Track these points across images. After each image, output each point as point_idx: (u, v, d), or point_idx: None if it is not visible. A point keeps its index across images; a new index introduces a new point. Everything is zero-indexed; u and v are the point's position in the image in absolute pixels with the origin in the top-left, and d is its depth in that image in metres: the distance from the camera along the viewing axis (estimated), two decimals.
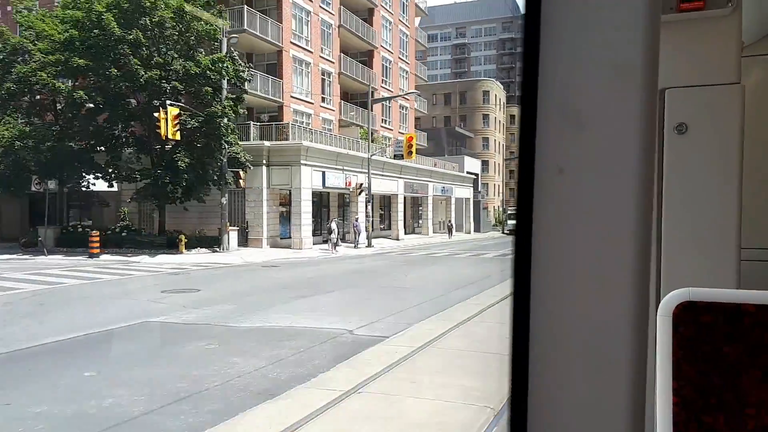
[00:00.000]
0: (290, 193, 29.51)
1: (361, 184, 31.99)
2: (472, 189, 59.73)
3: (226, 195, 25.91)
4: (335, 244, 27.81)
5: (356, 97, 44.24)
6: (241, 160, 25.63)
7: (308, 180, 29.52)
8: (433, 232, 51.23)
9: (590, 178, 0.68)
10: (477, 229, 63.90)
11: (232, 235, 27.76)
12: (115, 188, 27.98)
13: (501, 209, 65.77)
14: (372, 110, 43.91)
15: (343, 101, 40.08)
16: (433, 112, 75.44)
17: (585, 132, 0.68)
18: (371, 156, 32.05)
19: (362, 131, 39.19)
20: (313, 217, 31.74)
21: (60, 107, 26.07)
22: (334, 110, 38.03)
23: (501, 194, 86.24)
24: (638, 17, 0.67)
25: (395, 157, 32.49)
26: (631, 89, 0.67)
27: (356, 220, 31.86)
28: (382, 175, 38.62)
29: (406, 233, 47.59)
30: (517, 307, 0.71)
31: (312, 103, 35.94)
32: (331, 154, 31.58)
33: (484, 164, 77.03)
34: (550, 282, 0.69)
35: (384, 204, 42.82)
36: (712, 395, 0.80)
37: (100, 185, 27.33)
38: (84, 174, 26.54)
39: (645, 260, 0.68)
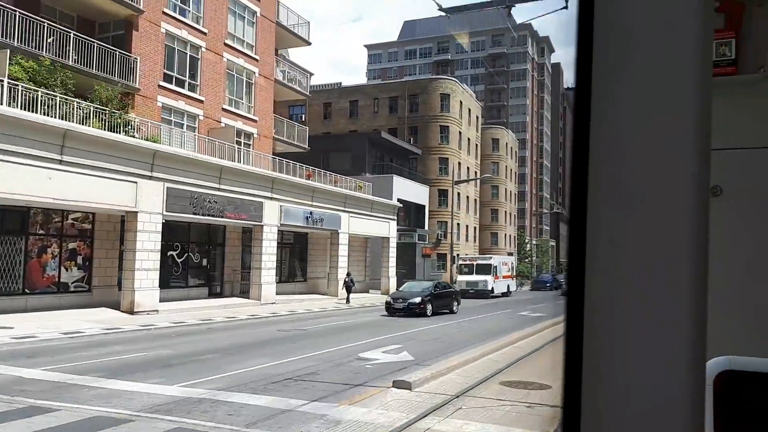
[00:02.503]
0: None
1: None
2: (391, 224, 37.43)
3: None
4: None
5: (107, 28, 22.96)
6: None
7: None
8: (294, 293, 28.78)
9: (643, 249, 0.68)
10: None
11: None
12: None
13: (454, 259, 43.42)
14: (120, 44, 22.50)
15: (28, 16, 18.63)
16: (375, 122, 54.13)
17: (636, 203, 0.68)
18: None
19: (67, 79, 17.83)
20: None
21: None
22: None
23: (474, 239, 63.63)
24: (689, 85, 0.67)
25: None
26: (683, 158, 0.67)
27: None
28: (101, 173, 16.92)
29: (222, 293, 25.32)
30: (569, 377, 0.69)
31: None
32: None
33: (441, 195, 54.98)
34: (602, 353, 0.68)
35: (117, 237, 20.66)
36: None
37: None
38: None
39: (701, 332, 0.66)
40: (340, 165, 44.11)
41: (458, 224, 57.26)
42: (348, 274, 31.26)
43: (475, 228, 63.73)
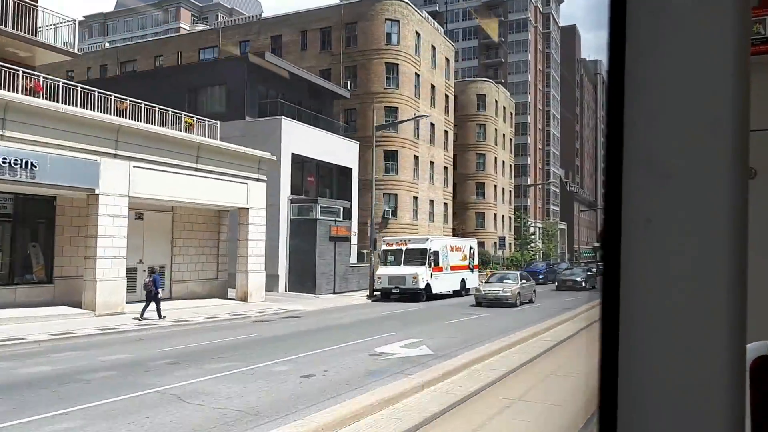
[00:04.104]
0: None
1: None
2: (253, 187, 23.28)
3: None
4: None
5: None
6: None
7: None
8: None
9: (681, 229, 0.67)
10: (311, 287, 27.43)
11: None
12: None
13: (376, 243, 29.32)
14: None
15: None
16: (302, 62, 39.68)
17: (672, 182, 0.68)
18: None
19: None
20: None
21: None
22: None
23: (444, 219, 49.04)
24: (726, 64, 0.66)
25: None
26: (721, 139, 0.67)
27: None
28: None
29: None
30: (605, 358, 0.68)
31: None
32: None
33: (389, 158, 40.47)
34: (639, 333, 0.68)
35: None
36: None
37: None
38: None
39: (740, 316, 0.66)
40: (214, 106, 30.25)
41: (415, 198, 42.79)
42: (152, 272, 17.46)
43: (445, 204, 49.09)
